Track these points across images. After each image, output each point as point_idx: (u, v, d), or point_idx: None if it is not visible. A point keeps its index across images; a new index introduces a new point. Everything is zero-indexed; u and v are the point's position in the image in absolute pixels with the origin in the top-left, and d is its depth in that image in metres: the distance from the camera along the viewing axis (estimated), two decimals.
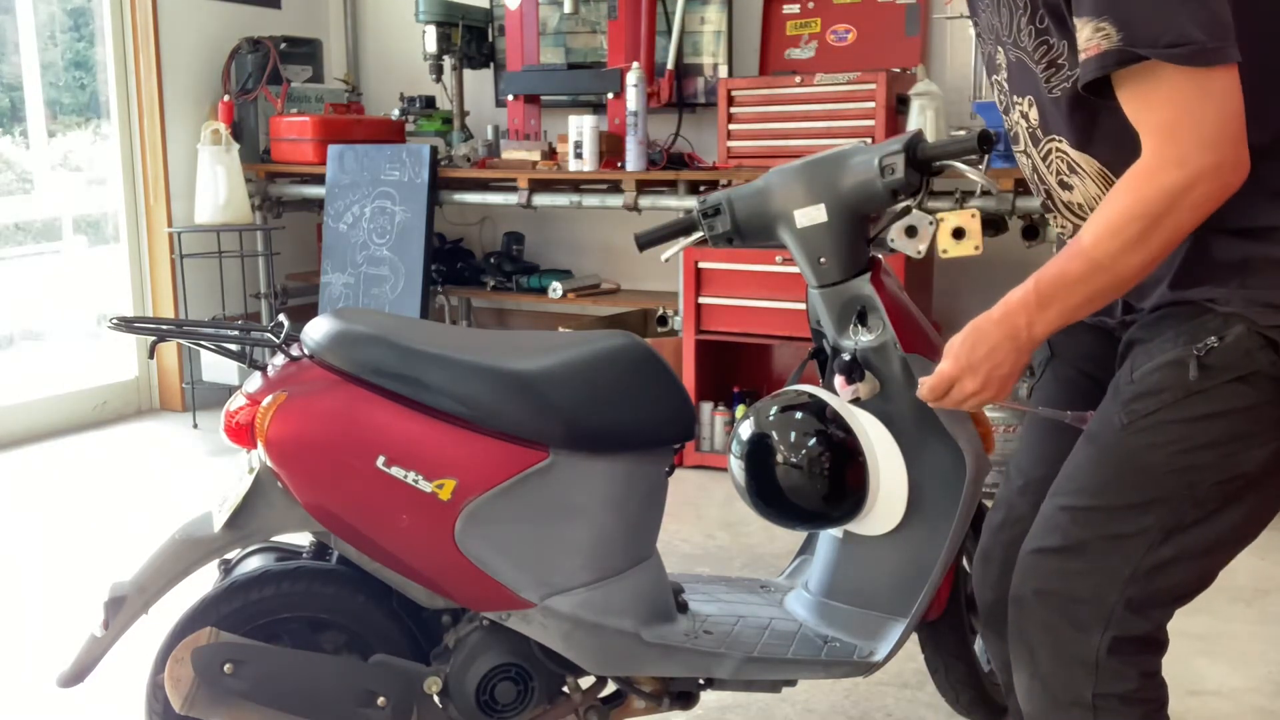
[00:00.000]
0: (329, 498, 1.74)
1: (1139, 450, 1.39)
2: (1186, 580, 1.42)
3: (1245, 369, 1.34)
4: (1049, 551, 1.45)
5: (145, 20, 4.70)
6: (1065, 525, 1.44)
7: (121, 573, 1.81)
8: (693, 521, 3.54)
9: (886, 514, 1.94)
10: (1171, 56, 1.21)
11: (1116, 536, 1.40)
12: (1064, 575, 1.43)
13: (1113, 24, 1.23)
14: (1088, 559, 1.42)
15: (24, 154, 4.67)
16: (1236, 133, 1.24)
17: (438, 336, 1.84)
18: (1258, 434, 1.36)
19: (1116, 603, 1.40)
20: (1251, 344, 1.33)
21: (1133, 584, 1.40)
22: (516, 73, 4.72)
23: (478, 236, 5.33)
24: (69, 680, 1.76)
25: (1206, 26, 1.21)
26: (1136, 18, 1.22)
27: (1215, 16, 1.22)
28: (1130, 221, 1.28)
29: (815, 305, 2.02)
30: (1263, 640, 2.70)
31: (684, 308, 4.03)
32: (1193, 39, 1.20)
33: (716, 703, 2.36)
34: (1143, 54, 1.22)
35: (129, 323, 1.79)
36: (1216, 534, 1.40)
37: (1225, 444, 1.36)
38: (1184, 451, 1.37)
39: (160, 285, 4.89)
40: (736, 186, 2.09)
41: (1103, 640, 1.41)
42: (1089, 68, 1.27)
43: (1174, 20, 1.20)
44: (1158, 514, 1.38)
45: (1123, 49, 1.23)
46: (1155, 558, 1.39)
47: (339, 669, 1.79)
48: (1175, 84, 1.23)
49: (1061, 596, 1.43)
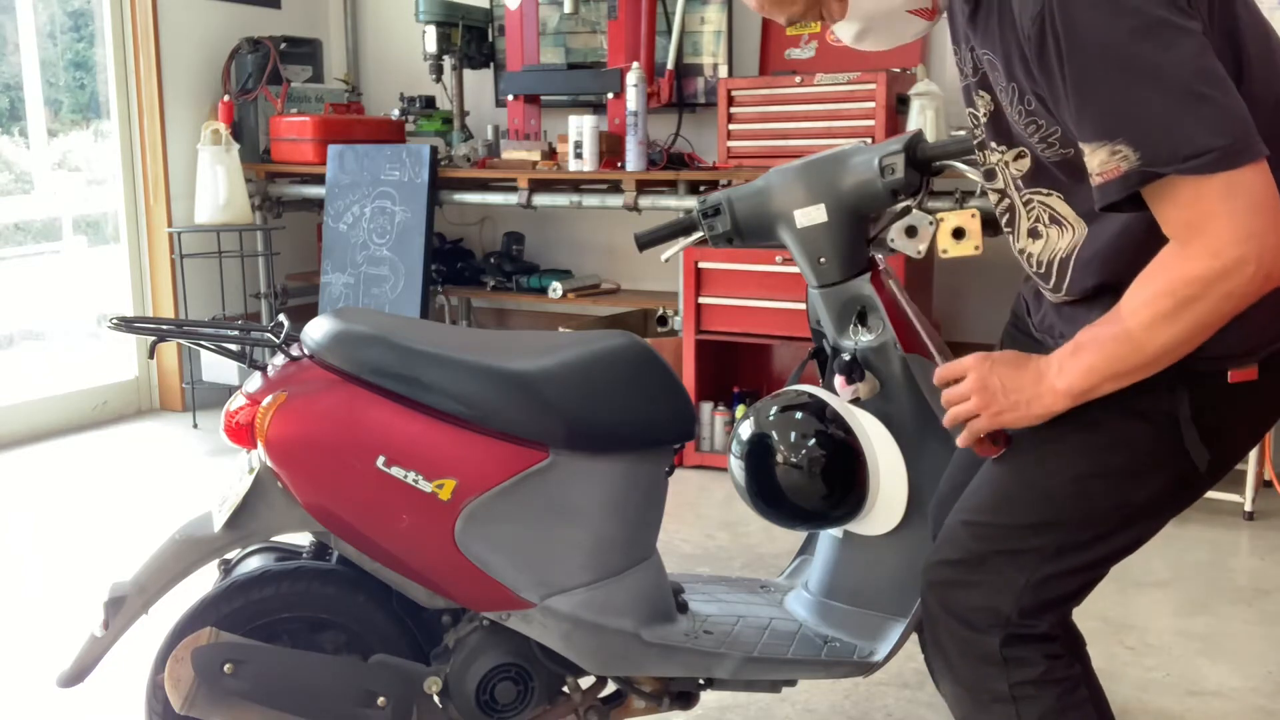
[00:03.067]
0: (329, 498, 1.74)
1: (1039, 474, 1.45)
2: (1077, 588, 1.50)
3: (1144, 409, 1.38)
4: (948, 563, 1.52)
5: (145, 20, 4.70)
6: (964, 539, 1.51)
7: (121, 573, 1.81)
8: (693, 521, 3.54)
9: (886, 514, 1.94)
10: (1194, 169, 1.18)
11: (1011, 552, 1.47)
12: (962, 586, 1.51)
13: (1129, 145, 1.20)
14: (984, 571, 1.49)
15: (24, 154, 4.67)
16: (1271, 220, 1.20)
17: (438, 336, 1.84)
18: (1149, 468, 1.42)
19: (1011, 610, 1.47)
20: (1150, 385, 1.33)
21: (1026, 593, 1.47)
22: (516, 73, 4.72)
23: (478, 236, 5.33)
24: (69, 680, 1.76)
25: (1223, 129, 1.18)
26: (1152, 136, 1.19)
27: (1228, 115, 1.18)
28: (1160, 297, 1.26)
29: (815, 305, 2.02)
30: (1263, 640, 2.70)
31: (684, 308, 4.03)
32: (1211, 147, 1.17)
33: (716, 703, 2.36)
34: (1164, 172, 1.20)
35: (129, 323, 1.79)
36: (1108, 550, 1.47)
37: (1118, 475, 1.42)
38: (1079, 477, 1.43)
39: (160, 285, 4.89)
40: (736, 186, 2.09)
41: (1001, 639, 1.48)
42: (1111, 190, 1.24)
43: (1188, 131, 1.18)
44: (1052, 534, 1.45)
45: (1144, 170, 1.21)
46: (1047, 570, 1.46)
47: (339, 669, 1.79)
48: (1201, 190, 1.20)
49: (961, 605, 1.50)
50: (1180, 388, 1.36)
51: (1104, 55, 1.20)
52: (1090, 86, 1.22)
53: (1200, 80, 1.18)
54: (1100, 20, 1.20)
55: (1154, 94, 1.18)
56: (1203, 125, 1.18)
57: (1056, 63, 1.24)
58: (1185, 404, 1.37)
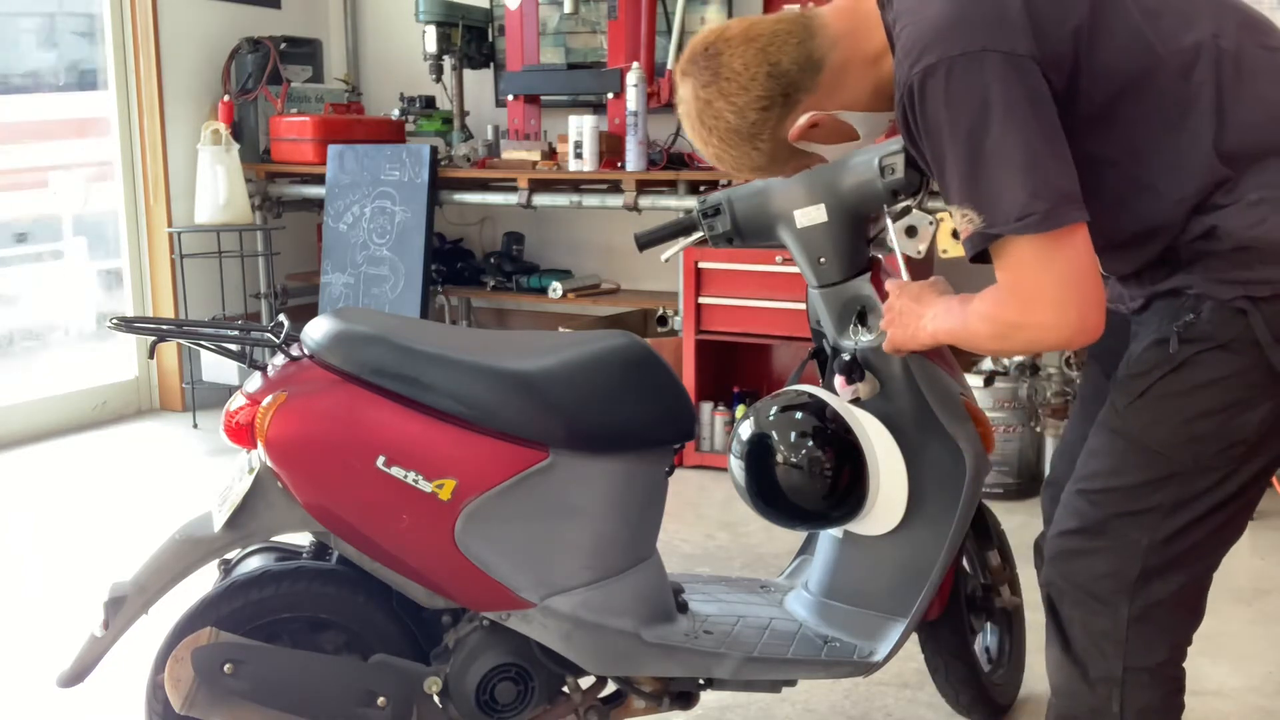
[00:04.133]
0: (329, 498, 1.74)
1: (1141, 429, 1.47)
2: (1203, 542, 1.49)
3: (1223, 337, 1.41)
4: (1070, 533, 1.53)
5: (145, 20, 4.69)
6: (1083, 508, 1.52)
7: (121, 573, 1.81)
8: (693, 521, 3.54)
9: (886, 514, 1.94)
10: (1018, 230, 1.34)
11: (1132, 513, 1.48)
12: (1085, 554, 1.51)
13: (974, 210, 1.37)
14: (1106, 537, 1.50)
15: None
16: (1079, 294, 1.37)
17: (438, 336, 1.84)
18: (1249, 399, 1.42)
19: (1137, 574, 1.48)
20: (1223, 315, 1.41)
21: (1151, 554, 1.47)
22: (516, 73, 4.72)
23: (478, 236, 5.33)
24: (69, 680, 1.76)
25: (1045, 195, 1.33)
26: (990, 202, 1.36)
27: (1051, 183, 1.34)
28: (984, 320, 1.48)
29: (815, 305, 2.02)
30: (1263, 640, 2.70)
31: (684, 308, 4.03)
32: (1033, 210, 1.33)
33: (716, 703, 2.36)
34: (999, 233, 1.36)
35: (129, 323, 1.79)
36: (1225, 497, 1.46)
37: (1220, 411, 1.43)
38: (1183, 423, 1.44)
39: (160, 285, 4.89)
40: (736, 186, 2.09)
41: (1130, 610, 1.48)
42: (968, 245, 1.41)
43: (1017, 197, 1.34)
44: (1168, 487, 1.46)
45: (984, 231, 1.37)
46: (1170, 527, 1.46)
47: (339, 669, 1.79)
48: (1023, 251, 1.36)
49: (1085, 574, 1.51)
50: (1253, 312, 1.39)
51: (952, 139, 1.37)
52: (940, 164, 1.40)
53: (1031, 155, 1.34)
54: (943, 114, 1.37)
55: (992, 170, 1.35)
56: (1029, 192, 1.33)
57: (918, 136, 1.43)
58: (1262, 327, 1.39)
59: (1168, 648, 1.51)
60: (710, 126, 1.53)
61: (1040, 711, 1.81)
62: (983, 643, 2.32)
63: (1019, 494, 3.68)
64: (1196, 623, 1.55)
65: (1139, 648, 1.49)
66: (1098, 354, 1.75)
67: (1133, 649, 1.49)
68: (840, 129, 1.54)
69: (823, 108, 1.50)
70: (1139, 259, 1.48)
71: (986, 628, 2.33)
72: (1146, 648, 1.49)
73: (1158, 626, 1.49)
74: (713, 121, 1.53)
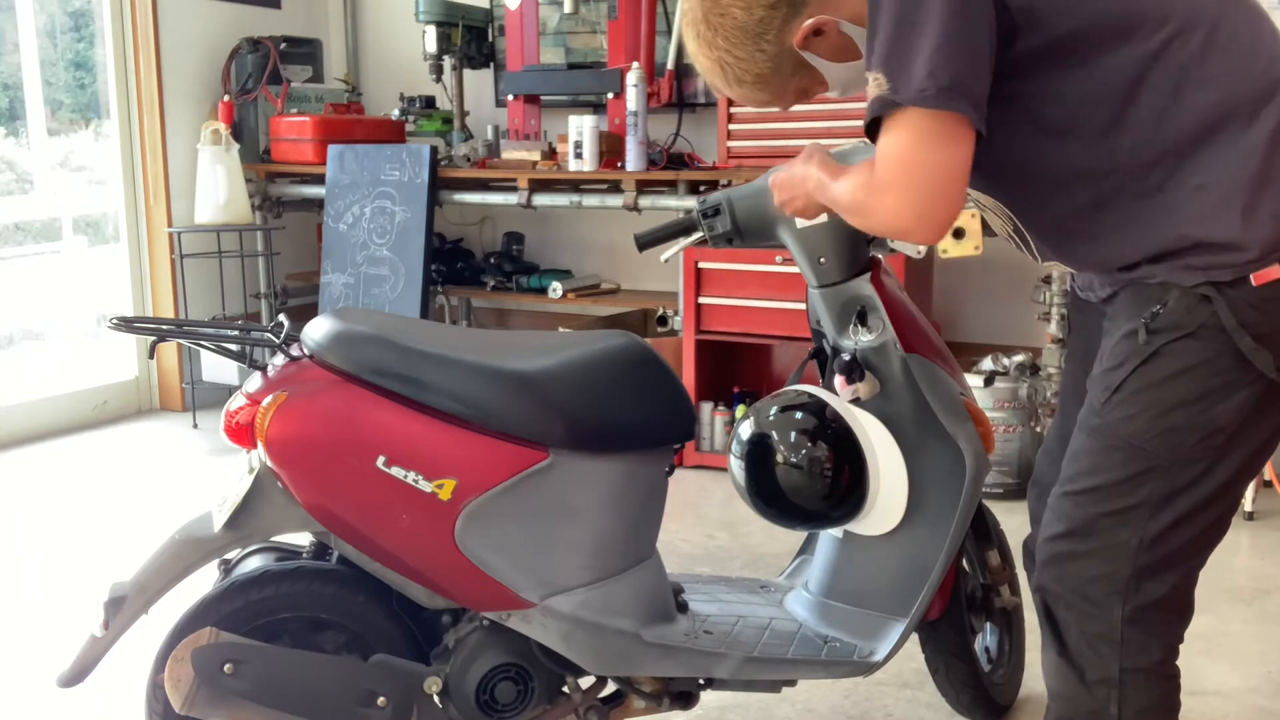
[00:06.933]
0: (329, 498, 1.74)
1: (1118, 424, 1.47)
2: (1192, 540, 1.49)
3: (1190, 325, 1.41)
4: (1059, 537, 1.52)
5: (145, 20, 4.69)
6: (1069, 510, 1.52)
7: (121, 573, 1.81)
8: (693, 521, 3.54)
9: (886, 514, 1.94)
10: (913, 99, 1.36)
11: (1116, 511, 1.47)
12: (1076, 557, 1.50)
13: (885, 75, 1.38)
14: (1095, 539, 1.49)
15: (24, 154, 4.67)
16: (930, 187, 1.38)
17: (438, 336, 1.84)
18: (1222, 386, 1.42)
19: (1129, 574, 1.47)
20: (1188, 302, 1.41)
21: (1141, 553, 1.47)
22: (516, 73, 4.72)
23: (478, 236, 5.33)
24: (69, 680, 1.76)
25: (945, 76, 1.34)
26: (900, 69, 1.37)
27: (956, 70, 1.35)
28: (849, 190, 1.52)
29: (815, 305, 2.02)
30: (1263, 640, 2.70)
31: (684, 308, 4.03)
32: (929, 86, 1.35)
33: (716, 703, 2.36)
34: (897, 100, 1.37)
35: (129, 323, 1.79)
36: (1210, 492, 1.46)
37: (1195, 401, 1.43)
38: (1159, 415, 1.44)
39: (160, 285, 4.89)
40: (736, 186, 2.09)
41: (1123, 612, 1.48)
42: (868, 111, 1.42)
43: (922, 69, 1.35)
44: (1150, 483, 1.45)
45: (886, 97, 1.38)
46: (1157, 525, 1.46)
47: (339, 669, 1.79)
48: (906, 126, 1.38)
49: (1077, 577, 1.50)
50: (1217, 298, 1.39)
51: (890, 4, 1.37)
52: (875, 25, 1.40)
53: (946, 37, 1.35)
54: None
55: (912, 40, 1.36)
56: (932, 70, 1.34)
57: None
58: (1227, 313, 1.39)
59: (1162, 647, 1.51)
60: (715, 26, 1.52)
61: (1040, 711, 1.81)
62: (983, 643, 2.32)
63: (1019, 494, 3.68)
64: (1187, 621, 1.55)
65: (1134, 648, 1.49)
66: (1076, 353, 1.76)
67: (1128, 650, 1.49)
68: (844, 45, 1.53)
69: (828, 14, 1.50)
70: (1092, 219, 1.47)
71: (986, 628, 2.33)
72: (1142, 648, 1.49)
73: (1152, 626, 1.49)
74: (718, 20, 1.52)
